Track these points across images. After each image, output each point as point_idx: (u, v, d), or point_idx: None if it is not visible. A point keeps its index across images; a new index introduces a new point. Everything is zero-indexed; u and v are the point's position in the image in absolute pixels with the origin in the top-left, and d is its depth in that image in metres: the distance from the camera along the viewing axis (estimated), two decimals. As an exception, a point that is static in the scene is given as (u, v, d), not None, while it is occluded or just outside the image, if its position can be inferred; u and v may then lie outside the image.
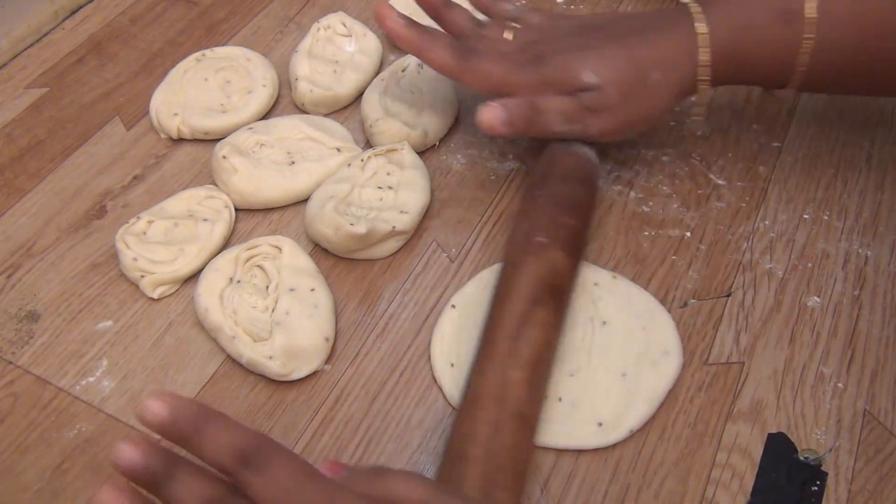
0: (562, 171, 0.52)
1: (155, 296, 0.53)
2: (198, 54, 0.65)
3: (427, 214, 0.56)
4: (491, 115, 0.50)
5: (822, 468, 0.44)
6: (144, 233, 0.54)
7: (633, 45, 0.50)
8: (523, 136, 0.52)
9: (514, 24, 0.55)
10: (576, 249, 0.49)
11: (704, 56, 0.49)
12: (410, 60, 0.63)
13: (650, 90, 0.50)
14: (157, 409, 0.31)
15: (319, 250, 0.55)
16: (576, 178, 0.52)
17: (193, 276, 0.53)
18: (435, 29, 0.54)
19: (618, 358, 0.48)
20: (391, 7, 0.53)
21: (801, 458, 0.44)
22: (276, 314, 0.49)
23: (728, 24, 0.50)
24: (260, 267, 0.52)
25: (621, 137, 0.53)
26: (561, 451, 0.45)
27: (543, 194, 0.51)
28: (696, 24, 0.49)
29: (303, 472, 0.31)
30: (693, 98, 0.53)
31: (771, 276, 0.52)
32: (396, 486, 0.32)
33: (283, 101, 0.65)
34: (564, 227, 0.49)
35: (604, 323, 0.49)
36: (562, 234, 0.49)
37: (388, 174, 0.56)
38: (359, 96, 0.64)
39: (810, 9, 0.48)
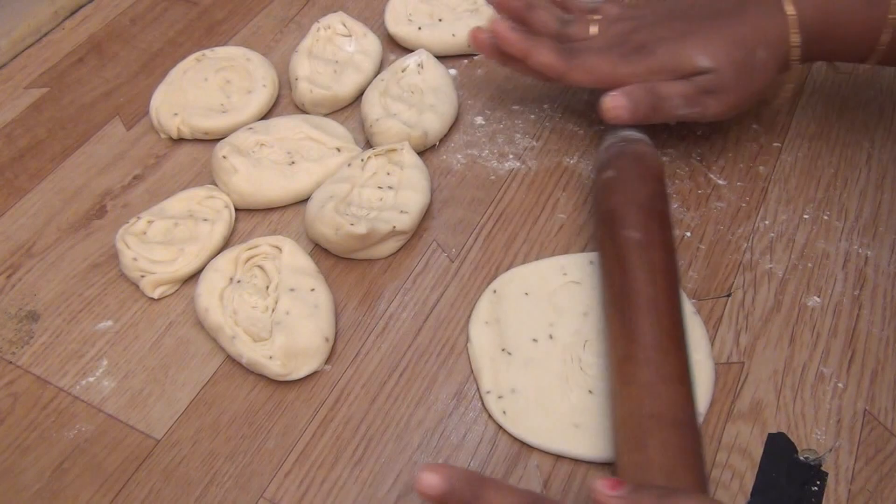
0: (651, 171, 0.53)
1: (155, 296, 0.53)
2: (198, 54, 0.65)
3: (427, 214, 0.56)
4: (615, 103, 0.52)
5: (822, 468, 0.44)
6: (144, 233, 0.54)
7: (733, 25, 0.52)
8: (645, 122, 0.53)
9: (595, 17, 0.56)
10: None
11: (794, 37, 0.51)
12: (410, 60, 0.62)
13: (758, 68, 0.52)
14: (434, 481, 0.33)
15: (319, 250, 0.55)
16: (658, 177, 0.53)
17: (193, 276, 0.53)
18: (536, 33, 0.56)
19: None
20: (500, 18, 0.55)
21: (801, 458, 0.44)
22: (276, 314, 0.49)
23: (814, 5, 0.51)
24: (260, 267, 0.52)
25: (734, 114, 0.55)
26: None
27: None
28: (785, 6, 0.51)
29: None
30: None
31: (771, 276, 0.52)
32: None
33: (283, 101, 0.65)
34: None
35: None
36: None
37: (388, 174, 0.56)
38: (359, 96, 0.64)
39: None
